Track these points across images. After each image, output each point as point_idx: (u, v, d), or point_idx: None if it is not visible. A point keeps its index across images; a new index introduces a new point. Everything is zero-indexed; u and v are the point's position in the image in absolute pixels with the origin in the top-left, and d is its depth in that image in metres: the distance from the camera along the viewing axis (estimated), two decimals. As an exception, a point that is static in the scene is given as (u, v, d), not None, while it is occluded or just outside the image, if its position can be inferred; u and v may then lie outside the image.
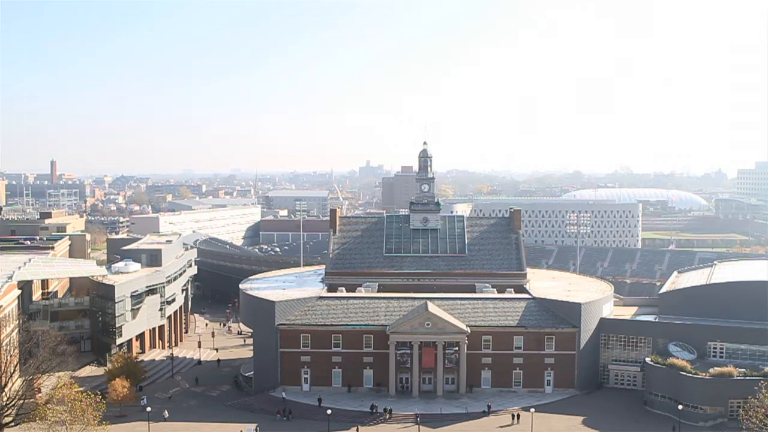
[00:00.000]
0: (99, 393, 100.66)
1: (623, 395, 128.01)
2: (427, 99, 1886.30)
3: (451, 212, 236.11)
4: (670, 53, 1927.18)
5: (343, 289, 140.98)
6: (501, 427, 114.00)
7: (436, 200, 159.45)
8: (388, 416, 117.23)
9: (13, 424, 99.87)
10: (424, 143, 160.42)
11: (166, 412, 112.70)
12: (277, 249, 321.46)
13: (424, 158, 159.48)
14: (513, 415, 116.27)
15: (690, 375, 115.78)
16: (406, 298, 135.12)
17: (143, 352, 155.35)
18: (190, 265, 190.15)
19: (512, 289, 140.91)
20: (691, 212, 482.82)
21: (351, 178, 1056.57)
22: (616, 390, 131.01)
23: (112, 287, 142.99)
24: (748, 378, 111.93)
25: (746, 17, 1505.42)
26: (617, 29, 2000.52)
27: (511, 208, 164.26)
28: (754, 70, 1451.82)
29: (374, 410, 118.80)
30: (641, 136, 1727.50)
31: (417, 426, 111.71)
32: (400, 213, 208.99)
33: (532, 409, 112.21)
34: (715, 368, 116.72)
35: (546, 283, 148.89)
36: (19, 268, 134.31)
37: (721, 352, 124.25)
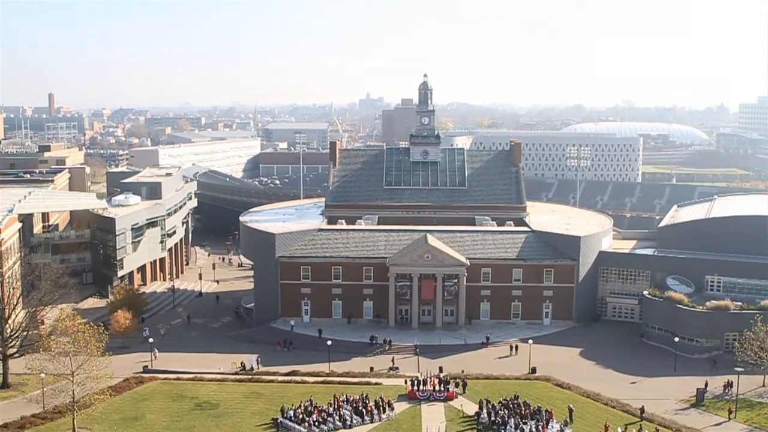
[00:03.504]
0: (102, 324, 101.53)
1: (621, 327, 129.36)
2: (428, 30, 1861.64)
3: (452, 145, 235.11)
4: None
5: (343, 221, 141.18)
6: (499, 358, 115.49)
7: (436, 133, 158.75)
8: (387, 347, 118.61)
9: (17, 354, 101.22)
10: (425, 75, 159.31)
11: (156, 350, 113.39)
12: (277, 182, 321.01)
13: (425, 91, 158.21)
14: (511, 347, 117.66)
15: (687, 308, 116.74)
16: (405, 230, 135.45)
17: (144, 284, 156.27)
18: (190, 198, 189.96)
19: (512, 222, 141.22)
20: (692, 146, 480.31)
21: (351, 111, 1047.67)
22: (614, 322, 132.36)
23: (112, 220, 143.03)
24: (744, 311, 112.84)
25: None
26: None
27: (511, 141, 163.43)
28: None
29: (374, 341, 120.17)
30: (643, 69, 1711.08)
31: (416, 357, 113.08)
32: (400, 146, 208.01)
33: (531, 341, 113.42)
34: (712, 301, 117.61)
35: (545, 217, 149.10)
36: (20, 201, 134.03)
37: (719, 286, 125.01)
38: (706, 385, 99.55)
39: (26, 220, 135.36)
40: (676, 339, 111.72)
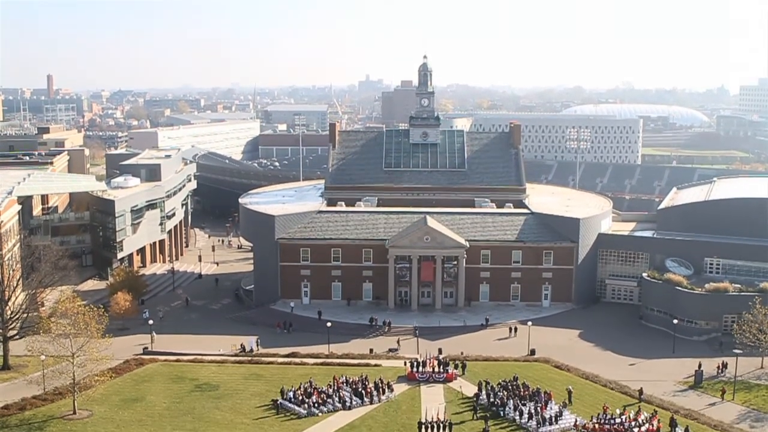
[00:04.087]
0: (101, 306, 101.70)
1: (620, 309, 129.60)
2: (428, 12, 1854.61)
3: (451, 127, 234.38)
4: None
5: (343, 203, 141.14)
6: (498, 339, 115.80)
7: (435, 115, 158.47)
8: (387, 329, 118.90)
9: (17, 336, 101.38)
10: (424, 57, 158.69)
11: (154, 333, 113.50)
12: (277, 163, 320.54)
13: (424, 72, 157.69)
14: (510, 328, 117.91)
15: (686, 290, 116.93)
16: (405, 212, 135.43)
17: (144, 266, 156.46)
18: (190, 180, 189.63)
19: (511, 204, 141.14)
20: (691, 128, 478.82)
21: (350, 93, 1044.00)
22: (613, 304, 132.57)
23: (112, 202, 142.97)
24: (742, 294, 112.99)
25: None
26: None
27: (511, 123, 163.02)
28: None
29: (373, 323, 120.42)
30: (644, 51, 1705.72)
31: (415, 338, 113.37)
32: (400, 127, 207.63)
33: (530, 323, 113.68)
34: (711, 284, 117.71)
35: (545, 198, 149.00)
36: (19, 183, 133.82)
37: (718, 268, 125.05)
38: (700, 366, 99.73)
39: (25, 202, 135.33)
40: (675, 321, 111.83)
